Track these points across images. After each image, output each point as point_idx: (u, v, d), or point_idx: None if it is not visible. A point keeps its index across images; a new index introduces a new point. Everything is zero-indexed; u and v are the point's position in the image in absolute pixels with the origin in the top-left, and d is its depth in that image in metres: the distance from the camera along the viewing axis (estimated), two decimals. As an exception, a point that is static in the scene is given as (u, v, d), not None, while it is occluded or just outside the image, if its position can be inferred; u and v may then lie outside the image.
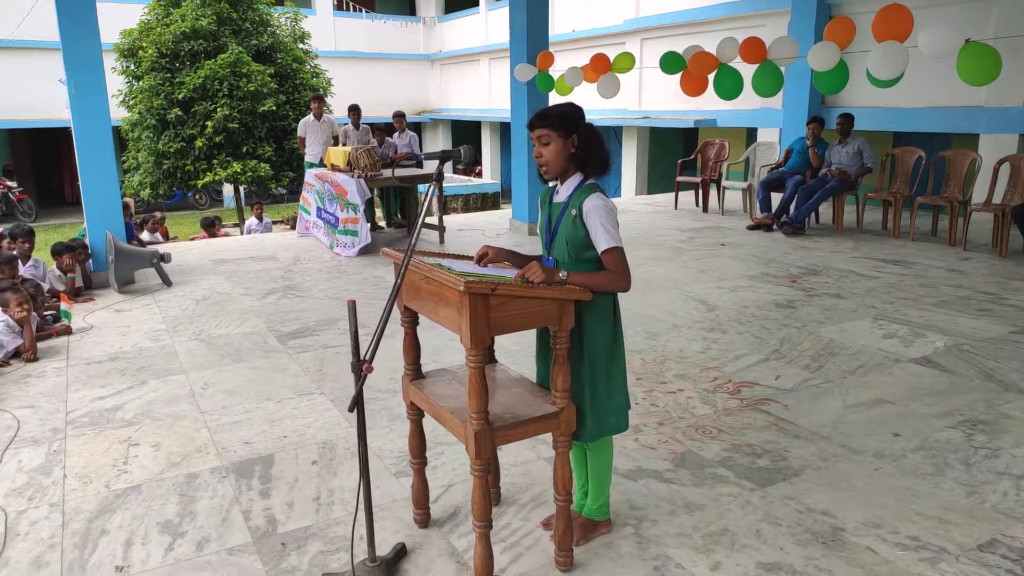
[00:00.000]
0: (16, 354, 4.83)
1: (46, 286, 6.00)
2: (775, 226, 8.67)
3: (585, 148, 2.46)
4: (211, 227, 12.11)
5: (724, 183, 10.05)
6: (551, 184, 2.61)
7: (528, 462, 3.31)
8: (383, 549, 2.66)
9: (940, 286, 6.11)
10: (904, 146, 8.96)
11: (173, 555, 2.69)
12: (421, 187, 9.28)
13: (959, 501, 2.94)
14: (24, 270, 6.01)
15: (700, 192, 10.36)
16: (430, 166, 11.62)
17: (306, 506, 3.00)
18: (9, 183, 18.04)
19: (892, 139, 10.65)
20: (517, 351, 4.51)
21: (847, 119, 8.45)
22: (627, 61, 7.24)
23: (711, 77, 6.22)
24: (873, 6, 5.84)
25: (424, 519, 2.83)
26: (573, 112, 2.47)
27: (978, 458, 3.28)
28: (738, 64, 6.15)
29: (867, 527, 2.77)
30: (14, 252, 6.02)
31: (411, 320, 2.69)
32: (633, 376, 4.24)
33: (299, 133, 10.10)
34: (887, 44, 5.00)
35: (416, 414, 2.77)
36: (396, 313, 2.58)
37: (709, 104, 11.67)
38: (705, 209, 10.23)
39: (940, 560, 2.56)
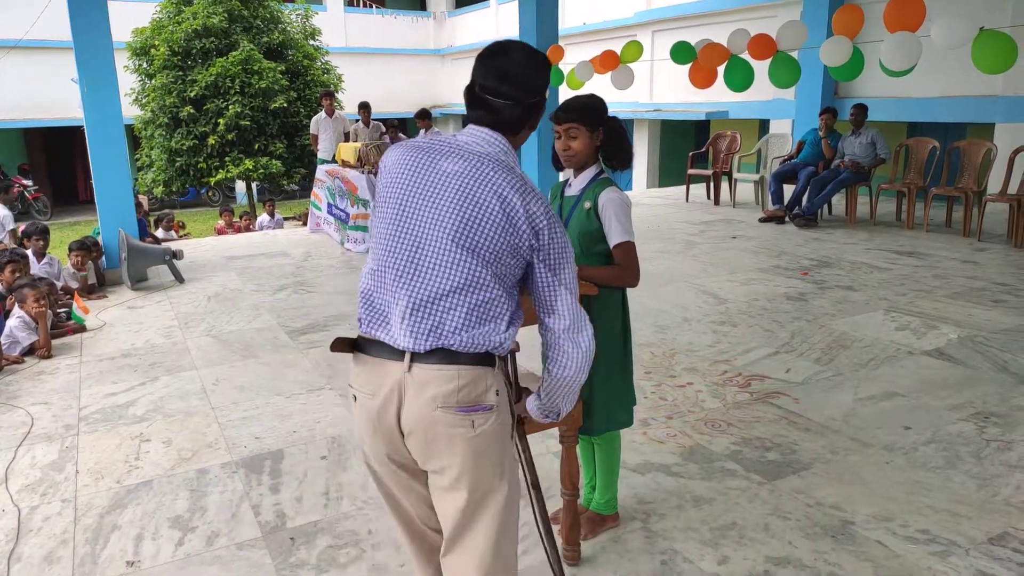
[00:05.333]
0: (30, 351, 4.88)
1: (60, 284, 6.06)
2: (787, 218, 8.60)
3: (611, 141, 2.46)
4: (230, 214, 12.89)
5: (736, 175, 9.99)
6: (563, 179, 2.61)
7: (536, 456, 3.27)
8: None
9: (954, 277, 6.05)
10: (918, 136, 8.86)
11: (183, 550, 2.71)
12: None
13: (970, 494, 2.91)
14: (39, 268, 6.06)
15: (712, 184, 10.29)
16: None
17: (315, 501, 3.02)
18: (25, 182, 18.21)
19: (906, 129, 10.55)
20: (526, 346, 4.50)
21: (860, 109, 8.37)
22: (635, 50, 7.21)
23: (721, 69, 6.18)
24: (885, -5, 5.80)
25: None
26: (598, 104, 2.46)
27: (990, 451, 3.25)
28: (749, 56, 6.11)
29: (877, 521, 2.75)
30: (28, 250, 6.08)
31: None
32: (642, 370, 4.23)
33: (311, 130, 10.14)
34: (900, 35, 4.96)
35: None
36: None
37: (721, 96, 11.59)
38: (717, 202, 10.17)
39: (950, 554, 2.54)
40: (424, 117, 10.15)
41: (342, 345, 1.74)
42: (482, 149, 1.70)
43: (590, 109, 2.42)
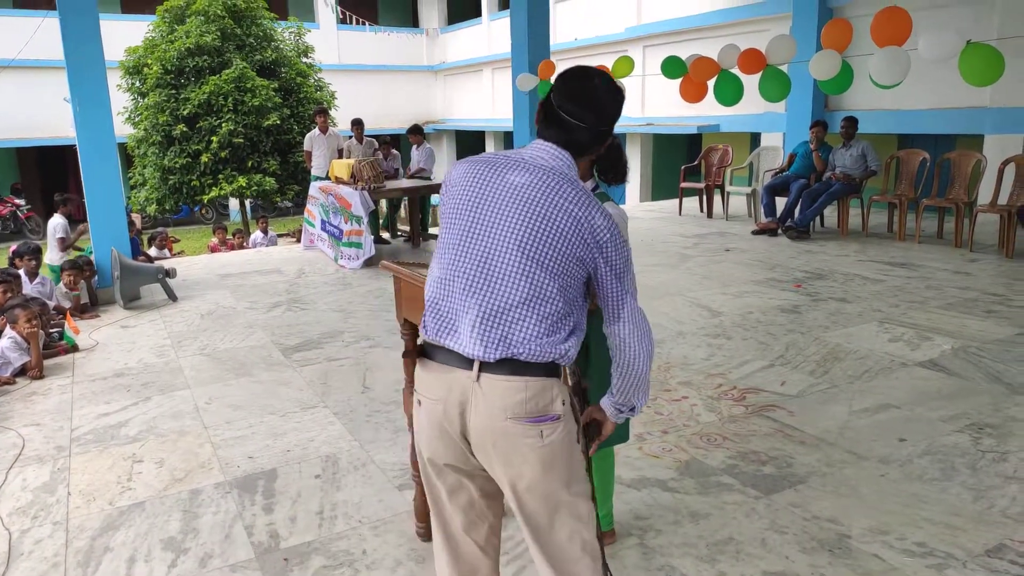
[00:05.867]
0: (22, 371, 4.85)
1: (52, 303, 6.03)
2: (780, 231, 8.64)
3: (608, 156, 2.47)
4: (223, 232, 12.91)
5: (728, 188, 10.03)
6: None
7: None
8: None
9: (946, 288, 6.07)
10: (908, 148, 8.92)
11: (176, 572, 2.68)
12: (435, 199, 9.29)
13: (966, 506, 2.91)
14: (31, 288, 6.04)
15: (704, 198, 10.34)
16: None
17: (309, 520, 2.99)
18: (17, 201, 18.17)
19: (896, 141, 10.62)
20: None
21: (851, 122, 8.43)
22: (626, 65, 7.26)
23: (711, 83, 6.23)
24: (874, 8, 5.84)
25: (427, 532, 2.82)
26: None
27: (985, 462, 3.25)
28: (739, 70, 6.16)
29: (873, 534, 2.74)
30: (20, 270, 6.06)
31: (412, 333, 2.69)
32: (637, 384, 4.22)
33: (305, 147, 10.12)
34: (888, 49, 5.00)
35: (417, 427, 2.76)
36: (397, 325, 2.57)
37: (712, 110, 11.66)
38: (709, 215, 10.21)
39: (947, 566, 2.53)
40: (416, 133, 10.13)
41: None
42: (548, 163, 1.75)
43: None
